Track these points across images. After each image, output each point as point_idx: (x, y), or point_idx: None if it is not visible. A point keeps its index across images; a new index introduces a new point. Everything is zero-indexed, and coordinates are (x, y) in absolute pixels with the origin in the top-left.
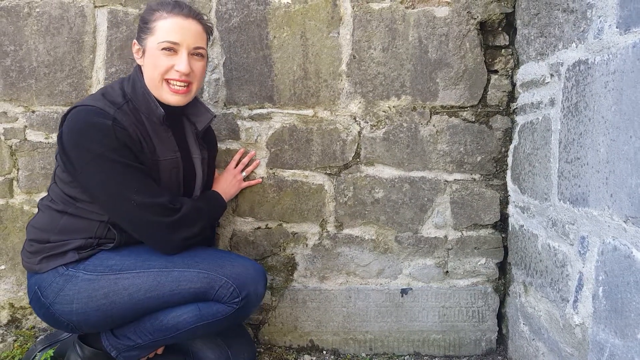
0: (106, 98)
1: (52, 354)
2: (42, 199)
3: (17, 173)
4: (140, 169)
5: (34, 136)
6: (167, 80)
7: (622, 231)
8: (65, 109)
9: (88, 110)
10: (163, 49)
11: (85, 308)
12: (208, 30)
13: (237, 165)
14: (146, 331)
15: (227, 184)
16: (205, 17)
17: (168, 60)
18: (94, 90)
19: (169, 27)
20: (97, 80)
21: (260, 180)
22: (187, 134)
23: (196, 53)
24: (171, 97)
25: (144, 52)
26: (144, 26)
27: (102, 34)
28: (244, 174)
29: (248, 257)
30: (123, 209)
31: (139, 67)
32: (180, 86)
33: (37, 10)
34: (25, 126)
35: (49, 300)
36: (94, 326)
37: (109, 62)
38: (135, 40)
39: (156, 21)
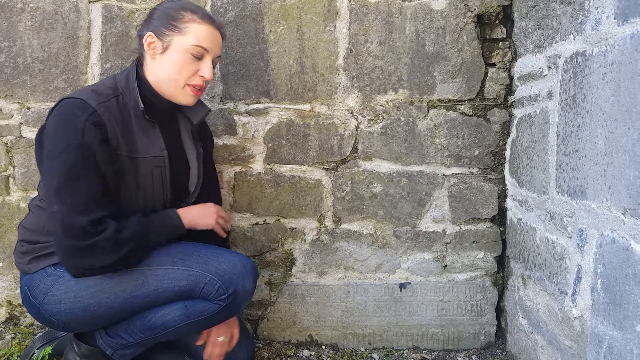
0: (94, 92)
1: (50, 351)
2: (32, 199)
3: (14, 170)
4: (93, 178)
5: (29, 133)
6: (189, 85)
7: (620, 223)
8: None
9: (70, 103)
10: (192, 53)
11: (73, 308)
12: (224, 39)
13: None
14: (137, 330)
15: (203, 212)
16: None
17: (194, 65)
18: None
19: (204, 34)
20: (92, 76)
21: (229, 227)
22: (181, 129)
23: (216, 61)
24: (188, 98)
25: (165, 49)
26: (169, 23)
27: (96, 29)
28: (221, 221)
29: (238, 252)
30: (49, 211)
31: (138, 61)
32: (199, 89)
33: (31, 5)
34: (21, 123)
35: (38, 300)
36: (84, 325)
37: (104, 57)
38: (151, 33)
39: (188, 23)
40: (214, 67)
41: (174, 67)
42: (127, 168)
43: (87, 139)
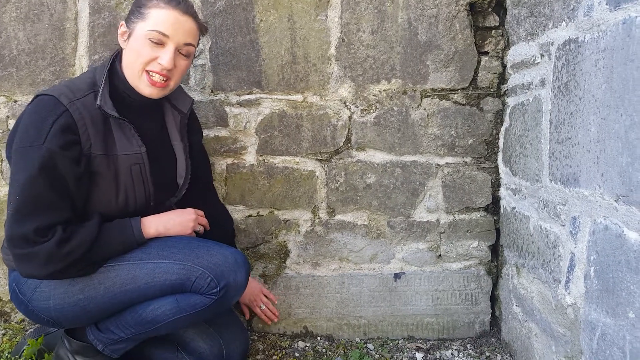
0: (70, 88)
1: (34, 343)
2: None
3: (1, 164)
4: (50, 183)
5: None
6: (147, 71)
7: (613, 210)
8: None
9: (42, 101)
10: (150, 38)
11: (62, 304)
12: (202, 30)
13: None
14: (127, 325)
15: (179, 220)
16: (200, 17)
17: (153, 51)
18: None
19: (163, 18)
20: (80, 68)
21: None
22: (168, 121)
23: (184, 50)
24: (147, 88)
25: (129, 36)
26: (136, 10)
27: (83, 20)
28: (199, 228)
29: (230, 246)
30: (8, 206)
31: (117, 54)
32: (159, 79)
33: None
34: (8, 116)
35: (27, 297)
36: (74, 321)
37: (92, 49)
38: (123, 22)
39: (151, 8)
40: (189, 57)
41: (132, 53)
42: (104, 166)
43: (49, 144)
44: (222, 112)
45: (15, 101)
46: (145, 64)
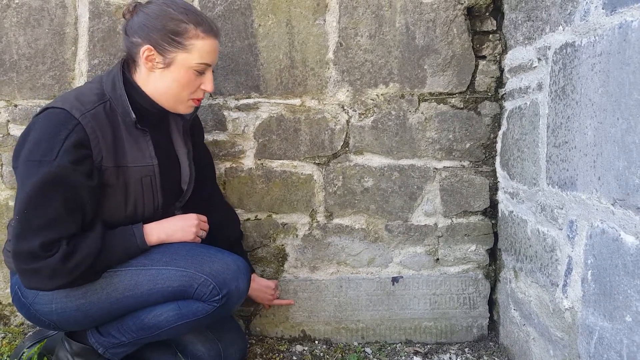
0: (78, 99)
1: (37, 350)
2: None
3: (1, 169)
4: (58, 198)
5: (17, 131)
6: (192, 98)
7: (610, 214)
8: (48, 102)
9: (53, 115)
10: (197, 69)
11: (64, 307)
12: None
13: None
14: (129, 329)
15: (180, 226)
16: None
17: (198, 80)
18: (76, 82)
19: (208, 50)
20: (80, 73)
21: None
22: (172, 128)
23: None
24: (189, 109)
25: (168, 65)
26: (171, 39)
27: (83, 25)
28: (202, 233)
29: (232, 252)
30: (12, 222)
31: (124, 64)
32: (200, 99)
33: (17, 1)
34: (8, 120)
35: (29, 300)
36: (76, 325)
37: (92, 53)
38: (149, 46)
39: (192, 39)
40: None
41: (177, 84)
42: (113, 178)
43: (60, 159)
44: (220, 116)
45: (16, 105)
46: (191, 93)
